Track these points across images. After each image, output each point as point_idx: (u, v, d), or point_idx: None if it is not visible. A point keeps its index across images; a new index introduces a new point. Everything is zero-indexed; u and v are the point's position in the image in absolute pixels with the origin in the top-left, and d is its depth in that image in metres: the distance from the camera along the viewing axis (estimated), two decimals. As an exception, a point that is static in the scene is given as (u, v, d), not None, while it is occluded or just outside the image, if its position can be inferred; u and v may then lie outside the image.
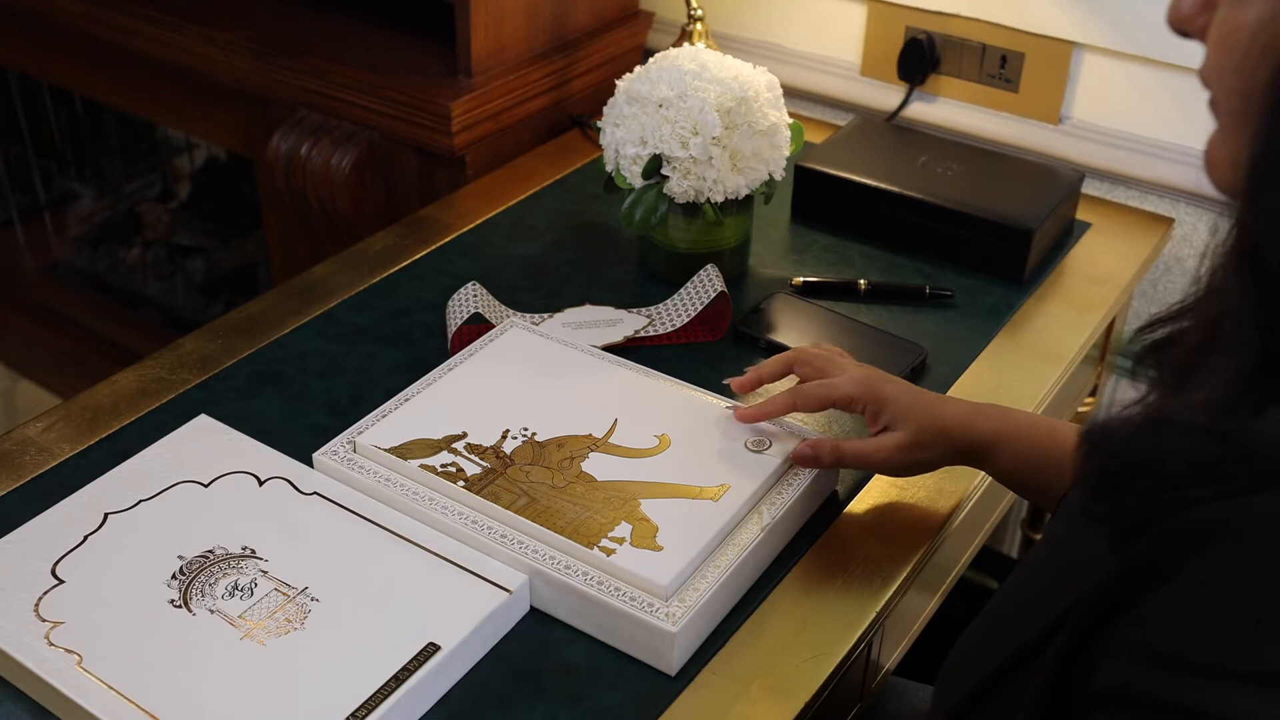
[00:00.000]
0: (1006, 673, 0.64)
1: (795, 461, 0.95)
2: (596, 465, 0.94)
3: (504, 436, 0.97)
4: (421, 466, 0.93)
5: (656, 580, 0.84)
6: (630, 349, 1.14)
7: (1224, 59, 0.56)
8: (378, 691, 0.79)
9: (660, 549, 0.86)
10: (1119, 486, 0.56)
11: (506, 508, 0.89)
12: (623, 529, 0.88)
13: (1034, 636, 0.61)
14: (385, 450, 0.95)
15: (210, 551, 0.90)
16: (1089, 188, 1.47)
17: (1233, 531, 0.51)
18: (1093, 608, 0.57)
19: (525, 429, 0.97)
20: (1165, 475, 0.53)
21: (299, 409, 1.08)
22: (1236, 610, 0.50)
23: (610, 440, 0.97)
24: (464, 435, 0.97)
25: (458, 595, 0.86)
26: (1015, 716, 0.62)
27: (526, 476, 0.92)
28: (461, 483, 0.91)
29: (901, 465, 0.95)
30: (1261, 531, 0.50)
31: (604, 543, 0.87)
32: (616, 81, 1.23)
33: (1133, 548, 0.55)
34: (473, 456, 0.94)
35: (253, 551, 0.90)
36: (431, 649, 0.82)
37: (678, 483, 0.93)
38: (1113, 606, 0.56)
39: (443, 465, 0.93)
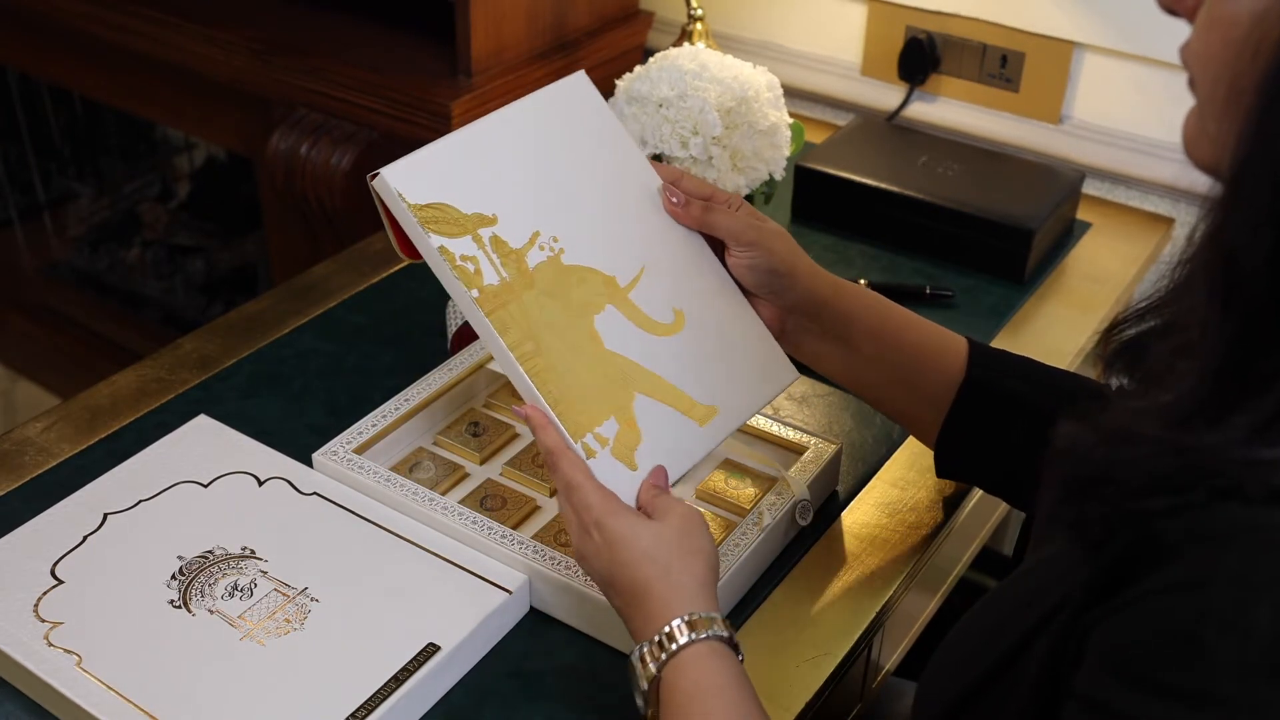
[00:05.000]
0: (988, 680, 0.64)
1: (667, 208, 0.91)
2: (609, 325, 0.87)
3: (532, 241, 0.88)
4: (440, 250, 0.84)
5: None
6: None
7: (1211, 46, 0.55)
8: (378, 692, 0.79)
9: (635, 469, 0.83)
10: (1082, 495, 0.56)
11: (511, 348, 0.83)
12: (609, 427, 0.83)
13: (1013, 643, 0.61)
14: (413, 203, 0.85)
15: (210, 552, 0.90)
16: (1089, 188, 1.47)
17: (1181, 548, 0.51)
18: (1069, 613, 0.57)
19: (555, 239, 0.88)
20: (1123, 486, 0.53)
21: (299, 409, 1.08)
22: (1176, 628, 0.50)
23: (630, 295, 0.89)
24: (494, 221, 0.87)
25: (458, 595, 0.86)
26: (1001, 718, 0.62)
27: (540, 312, 0.85)
28: (475, 291, 0.84)
29: (747, 266, 0.90)
30: (1206, 550, 0.50)
31: (588, 439, 0.82)
32: (616, 81, 1.23)
33: (1096, 557, 0.55)
34: (495, 256, 0.86)
35: (252, 552, 0.90)
36: (431, 649, 0.82)
37: (674, 384, 0.88)
38: (1084, 610, 0.56)
39: (462, 256, 0.85)
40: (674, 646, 0.72)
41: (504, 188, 0.88)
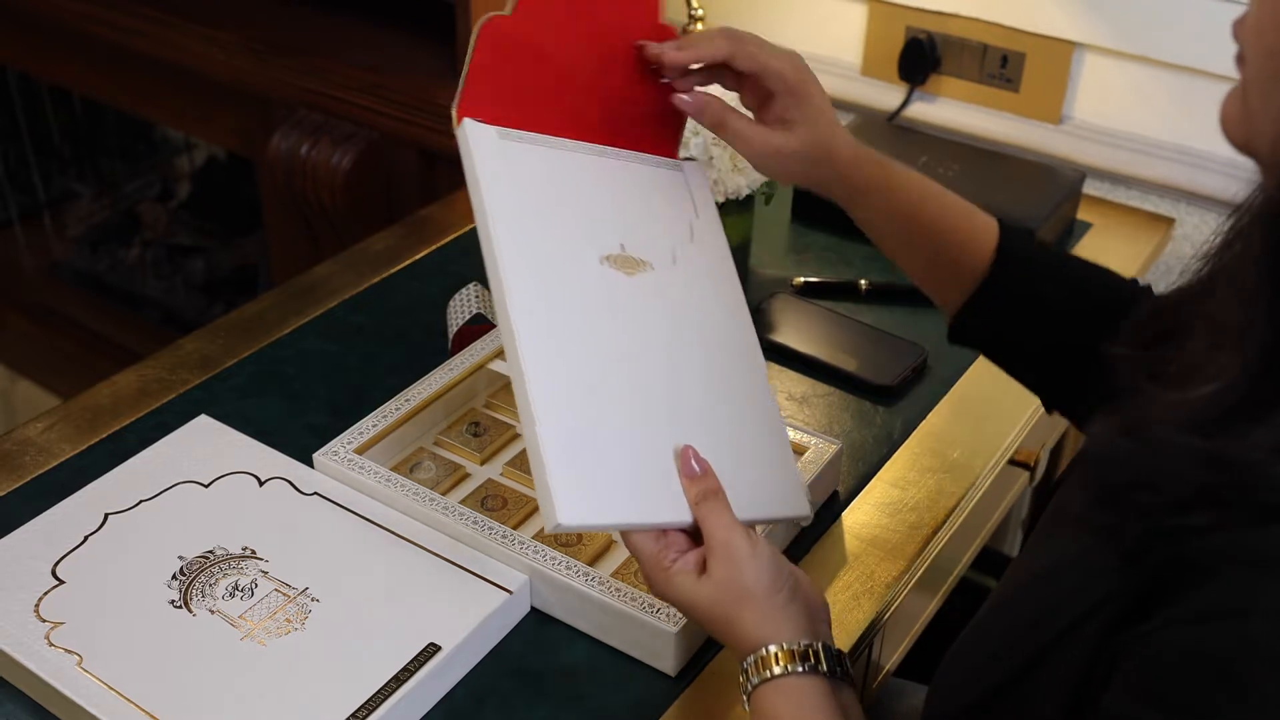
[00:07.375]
0: (1010, 684, 0.62)
1: (679, 106, 0.86)
2: None
3: None
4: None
5: (557, 516, 0.71)
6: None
7: (1267, 18, 0.54)
8: (378, 692, 0.79)
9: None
10: (1117, 502, 0.54)
11: None
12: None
13: (1036, 649, 0.59)
14: None
15: (210, 552, 0.90)
16: (1089, 188, 1.47)
17: (1221, 570, 0.49)
18: (1100, 626, 0.55)
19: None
20: (1162, 497, 0.52)
21: (299, 409, 1.08)
22: (1212, 658, 0.48)
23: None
24: None
25: (458, 595, 0.86)
26: None
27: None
28: None
29: (772, 167, 0.86)
30: (1248, 575, 0.48)
31: None
32: (617, 81, 1.22)
33: (1133, 572, 0.53)
34: None
35: (253, 552, 0.90)
36: (432, 649, 0.82)
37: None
38: (1117, 626, 0.54)
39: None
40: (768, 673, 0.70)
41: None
